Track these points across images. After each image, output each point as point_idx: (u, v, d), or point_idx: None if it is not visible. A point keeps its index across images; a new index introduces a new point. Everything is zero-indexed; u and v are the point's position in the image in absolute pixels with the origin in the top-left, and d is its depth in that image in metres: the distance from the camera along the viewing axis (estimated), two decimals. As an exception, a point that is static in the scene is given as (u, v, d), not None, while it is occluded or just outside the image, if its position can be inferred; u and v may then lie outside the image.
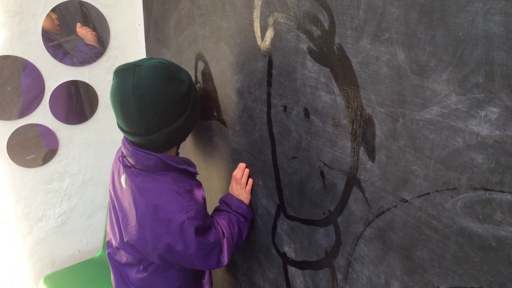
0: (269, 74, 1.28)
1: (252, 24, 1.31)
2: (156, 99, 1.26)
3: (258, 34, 1.29)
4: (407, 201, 0.93)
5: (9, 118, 2.00)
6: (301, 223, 1.29)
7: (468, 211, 0.82)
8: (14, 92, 1.98)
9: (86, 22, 2.09)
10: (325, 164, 1.15)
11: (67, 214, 2.37)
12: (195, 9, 1.60)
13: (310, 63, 1.12)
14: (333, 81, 1.06)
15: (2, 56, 1.90)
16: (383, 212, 1.00)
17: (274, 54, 1.25)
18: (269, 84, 1.30)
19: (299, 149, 1.23)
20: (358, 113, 1.01)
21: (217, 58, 1.54)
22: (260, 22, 1.27)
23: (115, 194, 1.52)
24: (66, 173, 2.29)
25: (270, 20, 1.22)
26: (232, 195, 1.57)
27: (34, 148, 2.13)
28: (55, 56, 2.03)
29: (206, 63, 1.62)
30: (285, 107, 1.25)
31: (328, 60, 1.06)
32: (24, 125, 2.06)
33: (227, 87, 1.52)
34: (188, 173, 1.44)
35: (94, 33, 2.12)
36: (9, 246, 2.19)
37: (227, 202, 1.56)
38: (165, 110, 1.29)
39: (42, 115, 2.10)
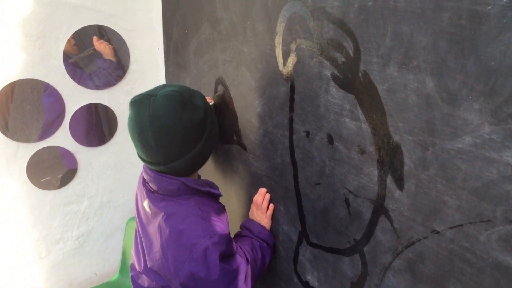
0: (291, 100, 1.27)
1: (273, 50, 1.30)
2: (173, 129, 1.26)
3: (280, 59, 1.29)
4: (438, 232, 0.91)
5: (29, 140, 2.01)
6: (325, 251, 1.26)
7: (504, 244, 0.79)
8: (34, 113, 2.00)
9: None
10: (350, 191, 1.13)
11: (85, 236, 2.37)
12: (215, 34, 1.60)
13: (334, 89, 1.11)
14: (359, 108, 1.05)
15: (23, 79, 1.91)
16: (413, 243, 0.97)
17: (297, 80, 1.24)
18: (291, 109, 1.28)
19: (323, 175, 1.21)
20: (385, 140, 0.99)
21: (237, 82, 1.54)
22: (282, 48, 1.27)
23: (139, 218, 1.51)
24: (84, 195, 2.29)
25: (293, 46, 1.22)
26: (253, 220, 1.55)
27: (53, 170, 2.14)
28: (74, 75, 2.05)
29: (226, 87, 1.62)
30: (307, 133, 1.24)
31: (353, 86, 1.05)
32: (44, 147, 2.07)
33: (247, 112, 1.51)
34: (211, 196, 1.43)
35: (111, 46, 2.13)
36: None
37: (248, 227, 1.54)
38: (182, 138, 1.29)
39: (63, 138, 2.11)
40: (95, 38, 2.09)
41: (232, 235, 1.57)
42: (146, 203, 1.43)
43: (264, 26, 1.32)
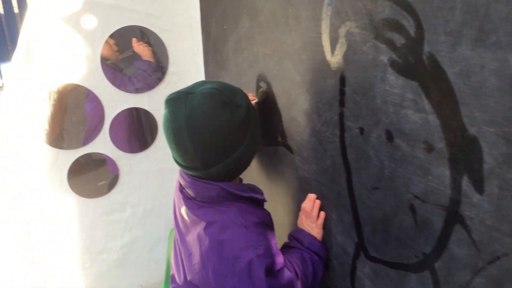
0: (342, 93, 1.12)
1: (320, 38, 1.15)
2: (211, 130, 1.13)
3: (327, 48, 1.14)
4: (533, 245, 0.73)
5: (70, 147, 1.96)
6: (387, 266, 1.09)
7: None
8: (78, 121, 1.94)
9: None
10: (415, 196, 0.96)
11: (129, 246, 2.29)
12: (255, 27, 1.47)
13: (392, 77, 0.95)
14: (424, 97, 0.88)
15: (66, 84, 1.86)
16: (498, 258, 0.79)
17: (347, 70, 1.08)
18: (341, 103, 1.13)
19: (381, 178, 1.05)
20: (459, 134, 0.82)
21: (280, 78, 1.40)
22: (329, 35, 1.12)
23: (177, 226, 1.41)
24: (127, 203, 2.21)
25: (342, 31, 1.06)
26: (303, 230, 1.40)
27: (95, 178, 2.07)
28: (114, 80, 1.98)
29: (268, 84, 1.48)
30: (361, 130, 1.08)
31: (415, 72, 0.89)
32: (85, 154, 2.01)
33: (292, 109, 1.37)
34: (255, 202, 1.29)
35: (150, 48, 2.05)
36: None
37: (297, 237, 1.39)
38: (222, 141, 1.16)
39: (103, 144, 2.04)
40: (134, 39, 2.01)
41: (279, 247, 1.43)
42: (183, 210, 1.32)
43: (308, 12, 1.18)
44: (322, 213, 1.34)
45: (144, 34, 2.02)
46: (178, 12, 2.03)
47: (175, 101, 1.16)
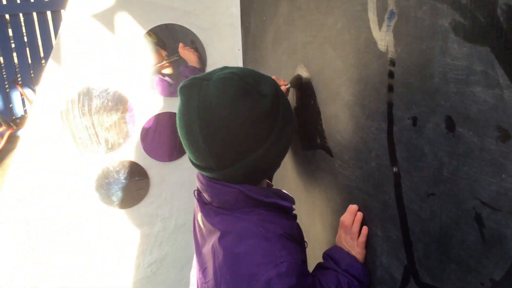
0: (391, 75, 0.90)
1: (365, 10, 0.95)
2: (227, 124, 0.95)
3: (374, 21, 0.93)
4: None
5: (97, 152, 1.83)
6: (444, 296, 0.85)
7: None
8: (110, 126, 1.83)
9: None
10: (483, 203, 0.72)
11: (158, 263, 2.12)
12: (294, 11, 1.28)
13: (455, 45, 0.73)
14: (497, 66, 0.65)
15: (96, 87, 1.76)
16: None
17: (398, 45, 0.87)
18: (390, 89, 0.91)
19: (439, 181, 0.81)
20: (549, 112, 0.58)
21: (320, 68, 1.20)
22: (377, 4, 0.91)
23: (195, 237, 1.24)
24: (158, 216, 2.05)
25: (391, -3, 0.86)
26: (341, 248, 1.17)
27: (124, 187, 1.93)
28: (163, 88, 1.86)
29: (307, 77, 1.28)
30: (414, 120, 0.85)
31: (486, 34, 0.66)
32: (114, 161, 1.88)
33: (332, 104, 1.16)
34: (280, 211, 1.08)
35: (196, 53, 1.91)
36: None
37: (334, 257, 1.16)
38: (241, 138, 0.97)
39: (132, 150, 1.90)
40: (181, 44, 1.88)
41: (312, 267, 1.20)
42: (199, 218, 1.14)
43: (352, -20, 0.98)
44: (365, 229, 1.11)
45: (193, 41, 1.90)
46: (218, 10, 1.89)
47: (188, 88, 0.99)
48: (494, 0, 0.64)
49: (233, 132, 0.96)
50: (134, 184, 1.95)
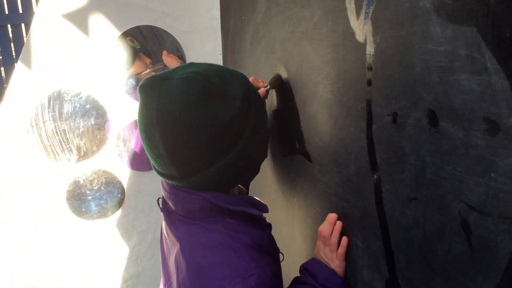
0: (369, 68, 0.82)
1: (343, 0, 0.87)
2: (189, 129, 0.85)
3: (351, 10, 0.85)
4: None
5: (69, 161, 1.73)
6: (428, 313, 0.75)
7: None
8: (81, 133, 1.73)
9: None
10: (470, 206, 0.63)
11: (134, 279, 2.00)
12: (272, 7, 1.21)
13: (438, 29, 0.65)
14: (484, 49, 0.57)
15: (67, 90, 1.67)
16: None
17: (376, 34, 0.79)
18: (369, 83, 0.83)
19: (421, 183, 0.73)
20: (544, 97, 0.50)
21: (298, 66, 1.12)
22: (354, -10, 0.84)
23: (161, 249, 1.14)
24: (134, 229, 1.94)
25: (369, -20, 0.78)
26: (319, 261, 1.07)
27: (96, 197, 1.83)
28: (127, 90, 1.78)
29: (286, 77, 1.20)
30: (395, 116, 0.77)
31: (472, 13, 0.58)
32: (86, 170, 1.77)
33: (311, 104, 1.08)
34: (251, 220, 0.99)
35: (180, 61, 1.82)
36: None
37: (311, 271, 1.06)
38: (204, 144, 0.87)
39: (105, 159, 1.80)
40: (164, 52, 1.80)
41: (287, 283, 1.10)
42: (164, 228, 1.05)
43: (329, -33, 0.91)
44: (344, 239, 1.01)
45: (178, 49, 1.82)
46: (198, 12, 1.80)
47: (147, 88, 0.89)
48: (481, -26, 0.56)
49: (196, 139, 0.86)
50: (108, 195, 1.85)
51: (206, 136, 0.86)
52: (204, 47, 1.87)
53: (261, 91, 1.20)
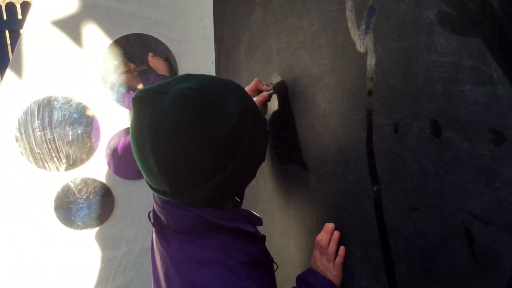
0: (370, 78, 0.83)
1: (343, 10, 0.88)
2: (182, 147, 0.83)
3: (352, 21, 0.86)
4: None
5: (58, 170, 1.70)
6: (430, 324, 0.75)
7: None
8: (70, 141, 1.70)
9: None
10: (474, 216, 0.63)
11: (122, 290, 1.98)
12: (268, 17, 1.21)
13: (442, 40, 0.65)
14: (490, 59, 0.58)
15: (58, 98, 1.65)
16: None
17: (378, 44, 0.79)
18: (369, 93, 0.83)
19: (423, 193, 0.73)
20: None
21: (295, 75, 1.12)
22: (355, 2, 0.84)
23: (152, 261, 1.11)
24: (122, 239, 1.91)
25: (371, -8, 0.79)
26: (315, 271, 1.07)
27: (85, 206, 1.80)
28: (130, 102, 1.75)
29: (281, 86, 1.20)
30: (396, 126, 0.77)
31: (477, 24, 0.59)
32: (75, 179, 1.75)
33: (308, 113, 1.08)
34: (245, 236, 0.97)
35: (166, 62, 1.81)
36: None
37: (308, 281, 1.06)
38: (197, 162, 0.85)
39: (95, 168, 1.78)
40: (150, 54, 1.79)
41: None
42: (155, 240, 1.03)
43: (329, -23, 0.91)
44: (342, 249, 1.01)
45: (163, 52, 1.81)
46: (191, 21, 1.80)
47: (140, 101, 0.86)
48: (486, -13, 0.57)
49: (189, 157, 0.84)
50: (97, 204, 1.83)
51: (199, 155, 0.85)
52: (196, 55, 1.86)
53: (264, 94, 1.19)
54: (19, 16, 5.78)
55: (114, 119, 1.78)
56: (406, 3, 0.71)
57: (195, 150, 0.84)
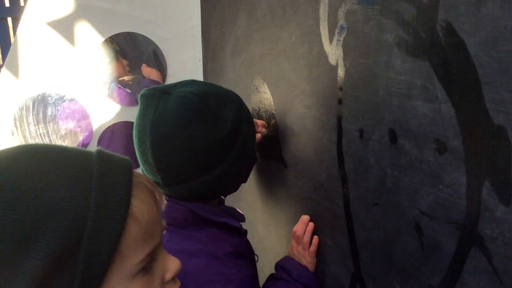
0: (340, 88, 0.93)
1: (317, 25, 0.98)
2: (178, 144, 0.94)
3: (325, 36, 0.96)
4: None
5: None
6: (386, 303, 0.87)
7: None
8: (65, 135, 1.79)
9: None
10: (422, 212, 0.75)
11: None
12: (252, 24, 1.31)
13: (398, 60, 0.76)
14: (436, 81, 0.69)
15: (52, 94, 1.73)
16: (530, 293, 0.58)
17: (347, 59, 0.90)
18: (339, 102, 0.94)
19: (382, 191, 0.84)
20: (480, 125, 0.62)
21: (276, 80, 1.22)
22: (328, 19, 0.94)
23: None
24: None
25: (341, 12, 0.89)
26: (292, 259, 1.18)
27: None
28: (121, 98, 1.84)
29: (264, 89, 1.30)
30: (361, 132, 0.88)
31: (427, 50, 0.70)
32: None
33: (287, 116, 1.18)
34: (231, 229, 1.08)
35: (159, 72, 1.91)
36: None
37: (285, 267, 1.17)
38: (190, 160, 0.96)
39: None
40: (144, 65, 1.88)
41: (263, 278, 1.21)
42: None
43: (306, -5, 1.01)
44: (315, 239, 1.13)
45: (157, 57, 1.89)
46: (179, 21, 1.89)
47: (146, 99, 0.98)
48: (434, 17, 0.67)
49: (183, 155, 0.95)
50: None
51: (192, 153, 0.95)
52: (184, 53, 1.95)
53: (258, 136, 1.24)
54: (21, 3, 5.74)
55: (106, 114, 1.87)
56: (370, 26, 0.82)
57: (189, 148, 0.95)
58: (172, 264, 0.65)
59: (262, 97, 1.33)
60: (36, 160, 0.53)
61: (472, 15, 0.61)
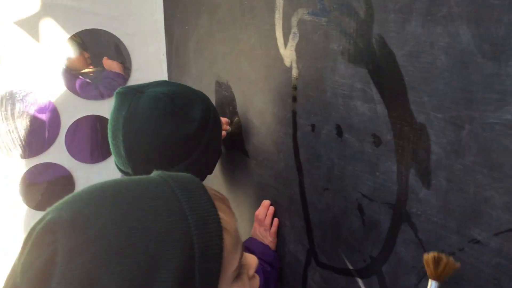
0: (294, 87, 1.05)
1: (273, 30, 1.10)
2: (147, 140, 1.04)
3: (280, 40, 1.08)
4: (479, 241, 0.66)
5: (24, 156, 1.85)
6: (336, 273, 1.01)
7: None
8: (34, 130, 1.85)
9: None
10: (363, 195, 0.88)
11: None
12: (214, 24, 1.41)
13: (342, 67, 0.89)
14: (372, 85, 0.82)
15: (20, 91, 1.78)
16: (445, 258, 0.72)
17: (299, 62, 1.02)
18: (294, 99, 1.06)
19: (331, 178, 0.98)
20: (406, 123, 0.75)
21: (237, 77, 1.33)
22: (282, 25, 1.06)
23: None
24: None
25: (294, 21, 1.01)
26: (255, 239, 1.31)
27: (48, 190, 1.95)
28: (75, 86, 1.90)
29: (226, 86, 1.41)
30: (313, 127, 1.01)
31: (364, 58, 0.83)
32: (38, 164, 1.90)
33: (248, 111, 1.30)
34: None
35: (120, 64, 1.98)
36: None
37: (249, 247, 1.30)
38: (157, 153, 1.06)
39: (57, 153, 1.93)
40: (105, 58, 1.94)
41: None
42: None
43: (262, 2, 1.12)
44: (276, 220, 1.26)
45: (119, 51, 1.96)
46: (142, 16, 1.96)
47: (122, 96, 1.08)
48: (370, 31, 0.80)
49: (151, 148, 1.05)
50: (58, 186, 1.98)
51: (161, 148, 1.06)
52: (148, 48, 2.03)
53: (222, 134, 1.33)
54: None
55: (72, 109, 1.93)
56: (318, 35, 0.94)
57: (157, 143, 1.05)
58: (252, 260, 0.67)
59: (224, 94, 1.43)
60: (124, 207, 0.52)
61: (399, 31, 0.74)
